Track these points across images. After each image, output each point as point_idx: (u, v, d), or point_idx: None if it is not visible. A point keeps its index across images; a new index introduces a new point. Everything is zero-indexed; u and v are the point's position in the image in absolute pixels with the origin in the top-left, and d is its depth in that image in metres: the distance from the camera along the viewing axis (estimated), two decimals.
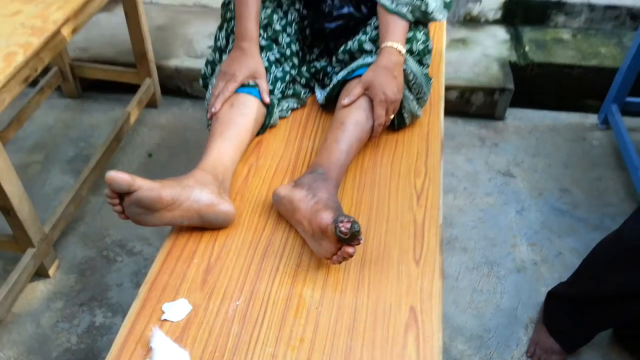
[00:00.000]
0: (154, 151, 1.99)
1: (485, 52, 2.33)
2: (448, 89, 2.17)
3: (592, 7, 2.43)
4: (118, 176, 0.80)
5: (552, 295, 1.45)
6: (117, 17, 2.38)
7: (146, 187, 0.83)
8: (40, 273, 1.58)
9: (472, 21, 2.50)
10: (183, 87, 2.21)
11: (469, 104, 2.22)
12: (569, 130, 2.21)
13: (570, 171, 2.01)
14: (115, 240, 1.68)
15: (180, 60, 2.18)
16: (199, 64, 2.17)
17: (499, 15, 2.48)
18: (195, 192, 0.89)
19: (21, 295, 1.53)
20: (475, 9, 2.47)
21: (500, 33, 2.45)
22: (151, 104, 2.15)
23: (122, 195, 0.84)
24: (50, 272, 1.60)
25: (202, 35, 2.31)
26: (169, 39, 2.28)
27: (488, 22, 2.50)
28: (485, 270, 1.66)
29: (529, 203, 1.88)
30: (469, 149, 2.11)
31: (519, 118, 2.27)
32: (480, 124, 2.22)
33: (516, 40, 2.41)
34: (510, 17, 2.49)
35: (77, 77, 2.18)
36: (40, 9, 1.52)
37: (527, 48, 2.36)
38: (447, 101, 2.20)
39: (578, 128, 2.22)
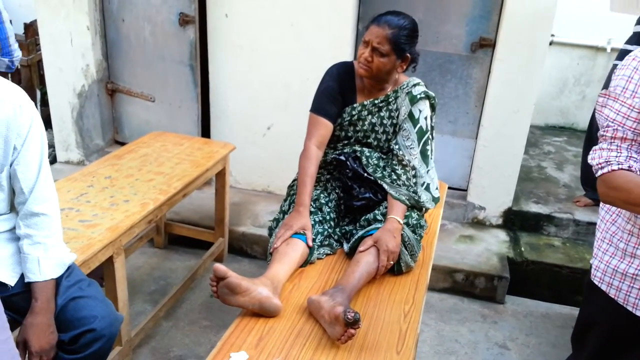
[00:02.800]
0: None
1: (488, 248, 2.88)
2: (455, 271, 2.67)
3: (577, 222, 3.01)
4: (220, 267, 1.35)
5: None
6: (204, 194, 3.16)
7: (233, 277, 1.37)
8: None
9: (478, 223, 3.11)
10: (245, 247, 2.84)
11: (473, 286, 2.68)
12: (560, 319, 2.59)
13: (558, 351, 2.35)
14: (177, 355, 2.12)
15: (247, 228, 2.85)
16: (261, 232, 2.82)
17: (500, 221, 3.09)
18: (260, 288, 1.41)
19: None
20: (481, 215, 3.10)
21: (501, 235, 3.02)
22: (218, 258, 2.76)
23: (219, 280, 1.37)
24: None
25: (265, 212, 3.02)
26: (241, 212, 2.99)
27: (492, 226, 3.10)
28: None
29: None
30: (472, 322, 2.51)
31: (517, 304, 2.69)
32: (483, 304, 2.65)
33: (514, 242, 2.96)
34: (510, 224, 3.09)
35: (167, 233, 2.87)
36: (167, 179, 2.26)
37: (523, 248, 2.89)
38: (454, 281, 2.69)
39: (567, 318, 2.60)
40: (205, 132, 3.22)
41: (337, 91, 1.87)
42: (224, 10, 2.97)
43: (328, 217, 1.79)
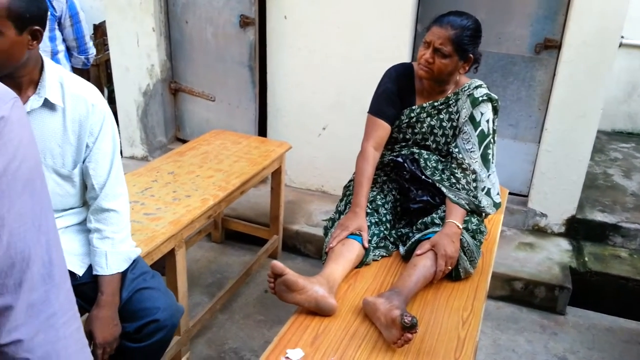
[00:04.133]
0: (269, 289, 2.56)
1: (549, 257, 2.77)
2: (514, 279, 2.59)
3: None
4: (278, 264, 1.38)
5: None
6: (260, 192, 3.22)
7: (291, 274, 1.39)
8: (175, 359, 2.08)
9: (539, 231, 3.00)
10: (299, 246, 2.87)
11: (533, 296, 2.59)
12: (625, 333, 2.46)
13: None
14: (232, 348, 2.18)
15: (301, 227, 2.89)
16: (314, 231, 2.84)
17: (563, 229, 2.96)
18: (316, 287, 1.42)
19: None
20: (543, 222, 2.98)
21: (564, 243, 2.90)
22: (273, 255, 2.80)
23: (276, 277, 1.40)
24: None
25: (319, 211, 3.04)
26: (295, 211, 3.03)
27: (553, 234, 2.98)
28: None
29: None
30: (531, 333, 2.42)
31: (579, 316, 2.57)
32: (542, 315, 2.55)
33: (577, 251, 2.83)
34: (573, 233, 2.96)
35: (224, 228, 2.95)
36: (225, 176, 2.32)
37: (586, 258, 2.76)
38: (512, 290, 2.61)
39: (634, 333, 2.46)
40: (262, 131, 3.28)
41: (396, 93, 1.86)
42: (283, 12, 3.01)
43: (384, 219, 1.78)
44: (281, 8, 3.01)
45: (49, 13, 1.32)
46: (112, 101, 4.07)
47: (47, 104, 1.33)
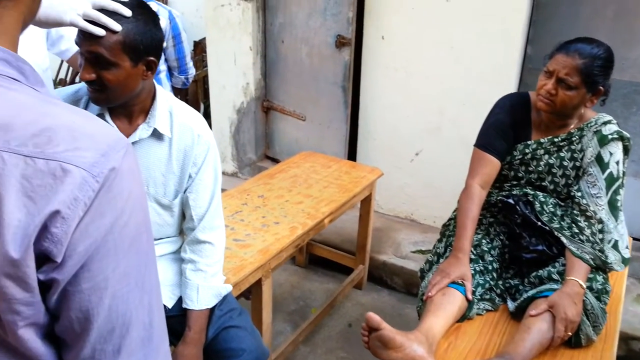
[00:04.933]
0: (353, 323, 2.44)
1: None
2: (632, 338, 2.26)
3: None
4: (374, 317, 1.26)
5: None
6: (347, 216, 3.10)
7: (388, 330, 1.26)
8: None
9: None
10: (385, 278, 2.73)
11: None
12: None
13: None
14: None
15: (388, 257, 2.74)
16: (402, 263, 2.68)
17: None
18: (415, 345, 1.28)
19: None
20: None
21: None
22: (358, 286, 2.68)
23: (371, 330, 1.28)
24: None
25: (407, 241, 2.88)
26: (382, 239, 2.89)
27: None
28: None
29: None
30: None
31: None
32: None
33: None
34: None
35: (308, 252, 2.88)
36: (315, 202, 2.24)
37: None
38: (629, 349, 2.28)
39: None
40: (352, 153, 3.19)
41: (509, 125, 1.68)
42: (381, 32, 2.91)
43: (490, 267, 1.60)
44: (379, 28, 2.91)
45: (164, 43, 1.31)
46: (207, 116, 4.18)
47: (155, 134, 1.32)
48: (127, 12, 1.13)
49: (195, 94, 4.57)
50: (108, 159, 0.54)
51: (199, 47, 4.57)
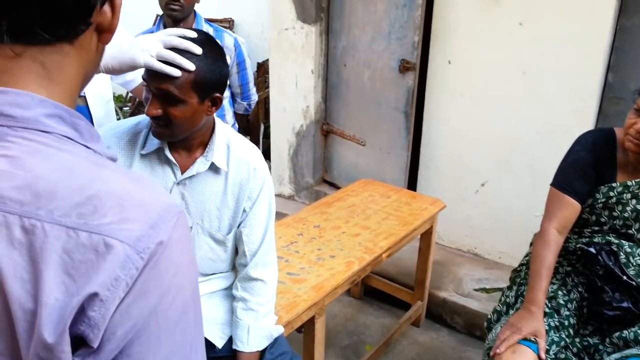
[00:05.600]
0: None
1: None
2: None
3: None
4: None
5: None
6: (405, 247, 2.99)
7: None
8: None
9: None
10: (445, 316, 2.58)
11: None
12: None
13: None
14: None
15: (449, 294, 2.59)
16: (463, 301, 2.53)
17: None
18: None
19: None
20: None
21: None
22: (415, 323, 2.55)
23: None
24: None
25: (470, 278, 2.71)
26: (443, 273, 2.74)
27: None
28: None
29: None
30: None
31: None
32: None
33: None
34: None
35: (364, 283, 2.78)
36: (373, 235, 2.15)
37: None
38: None
39: None
40: (412, 180, 3.07)
41: (591, 165, 1.53)
42: (448, 56, 2.80)
43: (566, 323, 1.45)
44: (445, 52, 2.81)
45: (229, 79, 1.30)
46: (267, 136, 4.21)
47: (212, 167, 1.30)
48: (198, 50, 1.12)
49: (257, 115, 4.62)
50: (157, 232, 0.50)
51: (262, 69, 4.63)
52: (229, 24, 6.10)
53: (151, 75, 1.12)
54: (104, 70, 1.13)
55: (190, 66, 1.10)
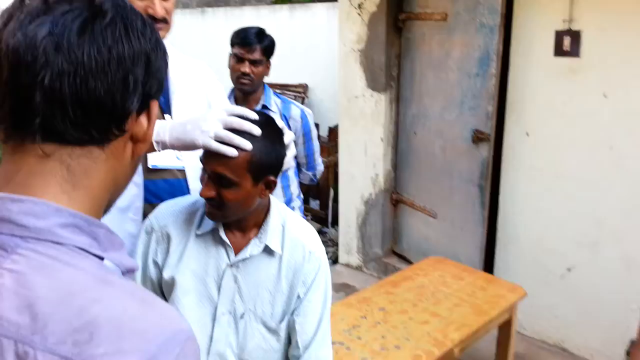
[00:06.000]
0: None
1: None
2: None
3: None
4: None
5: None
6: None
7: None
8: None
9: None
10: None
11: None
12: None
13: None
14: None
15: None
16: None
17: None
18: None
19: None
20: None
21: None
22: None
23: None
24: None
25: None
26: None
27: None
28: None
29: None
30: None
31: None
32: None
33: None
34: None
35: None
36: (443, 325, 1.98)
37: None
38: None
39: None
40: (488, 261, 2.86)
41: None
42: (525, 128, 2.64)
43: None
44: (523, 124, 2.65)
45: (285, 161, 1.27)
46: (336, 201, 4.17)
47: (266, 249, 1.25)
48: (257, 132, 1.11)
49: (326, 179, 4.62)
50: None
51: (334, 133, 4.66)
52: (302, 89, 6.29)
53: (208, 156, 1.13)
54: (170, 148, 1.16)
55: (247, 146, 1.09)
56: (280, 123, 1.21)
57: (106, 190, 0.57)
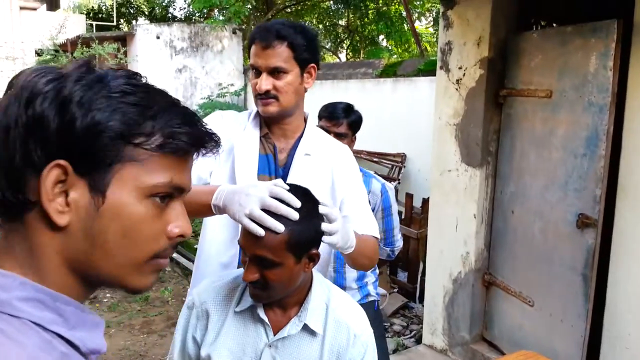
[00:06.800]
0: None
1: None
2: None
3: None
4: None
5: None
6: None
7: None
8: None
9: None
10: None
11: None
12: None
13: None
14: None
15: None
16: None
17: None
18: None
19: None
20: None
21: None
22: None
23: None
24: None
25: None
26: None
27: None
28: None
29: None
30: None
31: None
32: None
33: None
34: None
35: None
36: None
37: None
38: None
39: None
40: (591, 359, 2.52)
41: None
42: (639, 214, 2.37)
43: None
44: (636, 210, 2.38)
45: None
46: (425, 274, 3.98)
47: (306, 329, 1.20)
48: (295, 216, 1.07)
49: (416, 251, 4.47)
50: None
51: (427, 205, 4.54)
52: (401, 158, 6.29)
53: (246, 240, 1.10)
54: (225, 213, 1.17)
55: (279, 228, 1.05)
56: (317, 196, 1.17)
57: (65, 265, 0.54)
